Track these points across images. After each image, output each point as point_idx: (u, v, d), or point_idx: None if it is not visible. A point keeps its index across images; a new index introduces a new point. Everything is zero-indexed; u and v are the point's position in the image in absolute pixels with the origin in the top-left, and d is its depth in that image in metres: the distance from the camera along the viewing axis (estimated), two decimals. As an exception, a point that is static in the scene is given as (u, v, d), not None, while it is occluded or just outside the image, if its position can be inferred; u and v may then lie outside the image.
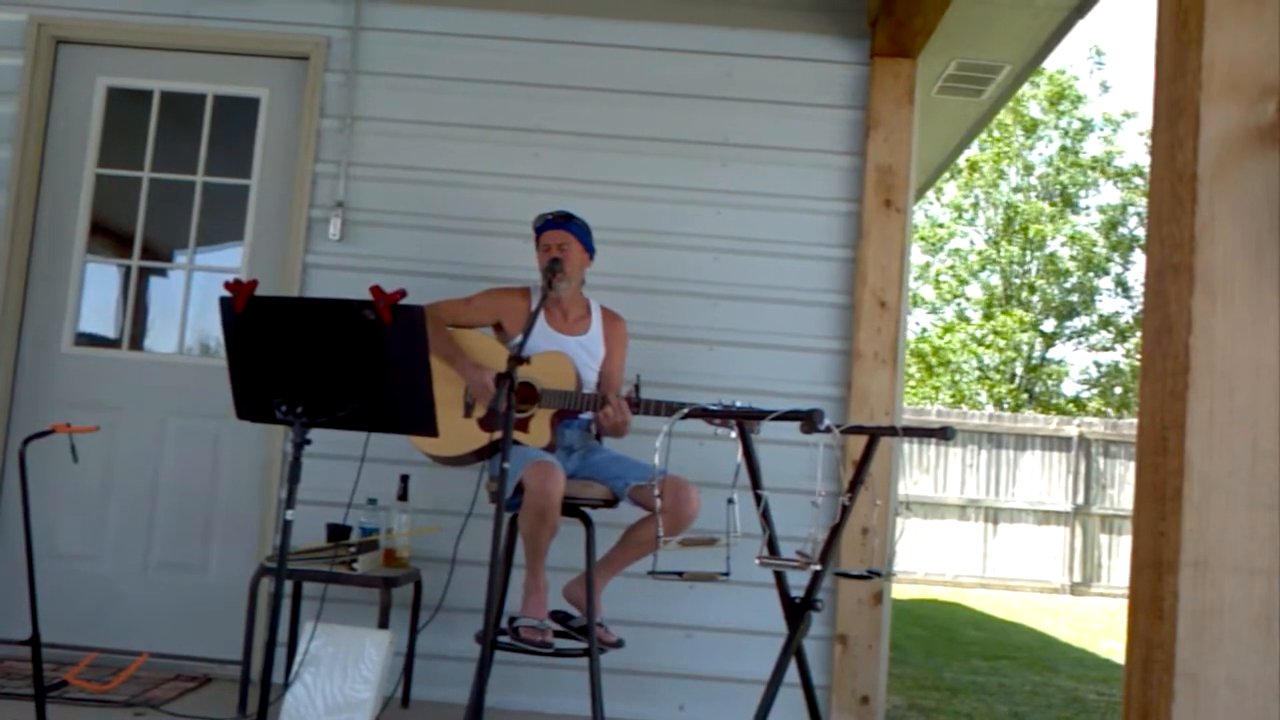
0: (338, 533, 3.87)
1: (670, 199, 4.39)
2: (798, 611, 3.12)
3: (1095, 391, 20.76)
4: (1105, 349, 20.71)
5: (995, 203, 20.79)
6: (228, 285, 3.07)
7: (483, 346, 3.73)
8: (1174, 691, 1.56)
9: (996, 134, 20.14)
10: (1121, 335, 20.46)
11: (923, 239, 20.74)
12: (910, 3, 4.05)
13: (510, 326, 3.74)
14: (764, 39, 4.46)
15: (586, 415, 3.69)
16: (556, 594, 3.59)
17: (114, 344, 4.58)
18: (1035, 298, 20.39)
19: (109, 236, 4.64)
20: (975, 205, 21.08)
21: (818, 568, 3.01)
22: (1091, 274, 20.32)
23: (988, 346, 20.07)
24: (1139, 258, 20.16)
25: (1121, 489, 12.84)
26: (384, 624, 3.60)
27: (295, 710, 3.24)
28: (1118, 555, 12.78)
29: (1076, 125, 20.80)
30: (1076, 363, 24.00)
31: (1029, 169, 20.88)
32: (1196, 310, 1.59)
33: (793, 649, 3.10)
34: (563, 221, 3.76)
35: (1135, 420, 1.84)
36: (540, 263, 3.73)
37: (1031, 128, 20.72)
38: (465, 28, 4.48)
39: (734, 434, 3.26)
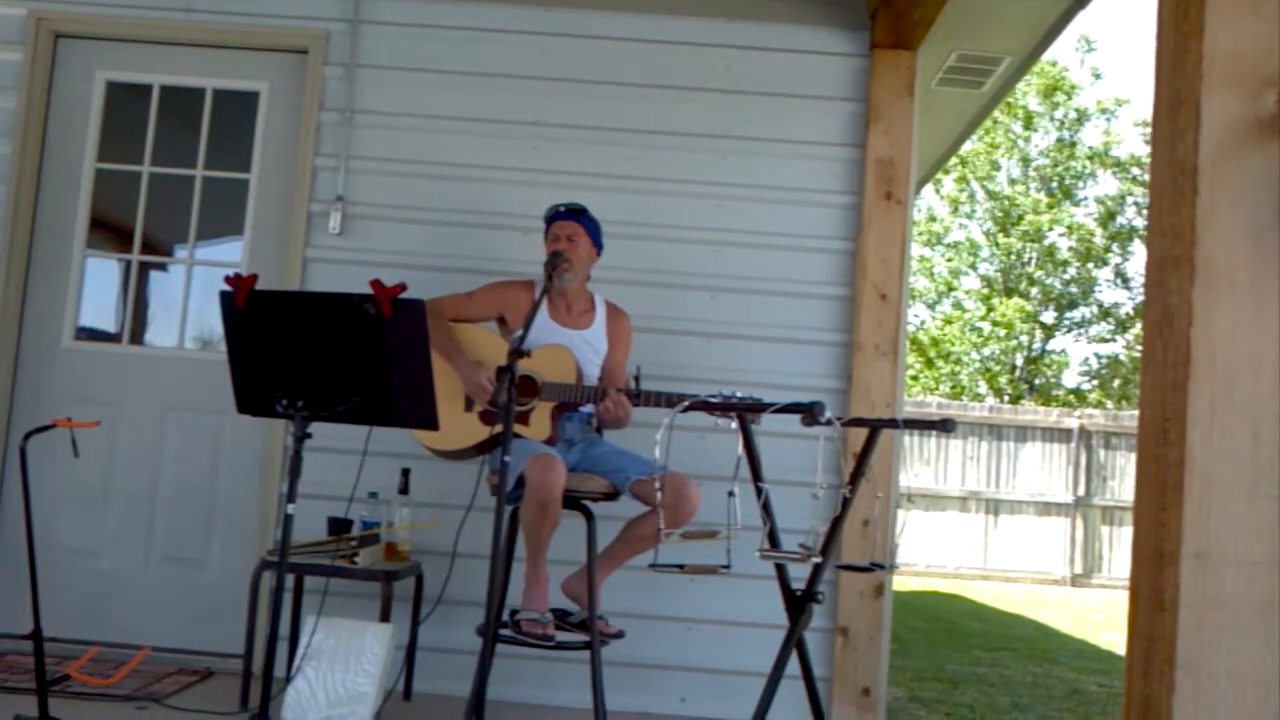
0: (339, 526, 3.87)
1: (670, 192, 4.39)
2: (799, 604, 3.12)
3: (1095, 383, 20.75)
4: (1105, 340, 20.70)
5: (992, 195, 20.76)
6: (228, 279, 3.07)
7: (484, 341, 3.73)
8: (1175, 683, 1.56)
9: (988, 123, 20.12)
10: (1121, 326, 20.45)
11: (920, 233, 20.70)
12: (910, -6, 4.04)
13: (513, 320, 3.73)
14: (764, 31, 4.45)
15: (587, 408, 3.69)
16: (555, 588, 3.60)
17: (114, 338, 4.58)
18: (1034, 289, 20.37)
19: (109, 231, 4.64)
20: (971, 198, 21.06)
21: (819, 560, 3.01)
22: (1090, 265, 20.30)
23: (987, 338, 20.06)
24: (1138, 248, 20.14)
25: (1122, 481, 12.84)
26: (385, 617, 3.60)
27: (297, 704, 3.24)
28: (1118, 547, 12.79)
29: (1072, 115, 20.77)
30: (1076, 354, 24.00)
31: (1026, 161, 20.86)
32: (1197, 301, 1.59)
33: (794, 641, 3.10)
34: (575, 214, 3.76)
35: (1136, 412, 1.84)
36: (548, 253, 3.73)
37: (1028, 120, 20.69)
38: (464, 21, 4.47)
39: (734, 426, 3.25)
